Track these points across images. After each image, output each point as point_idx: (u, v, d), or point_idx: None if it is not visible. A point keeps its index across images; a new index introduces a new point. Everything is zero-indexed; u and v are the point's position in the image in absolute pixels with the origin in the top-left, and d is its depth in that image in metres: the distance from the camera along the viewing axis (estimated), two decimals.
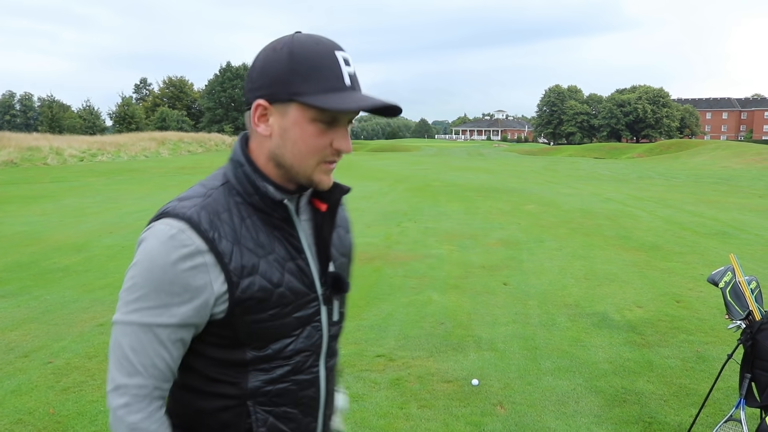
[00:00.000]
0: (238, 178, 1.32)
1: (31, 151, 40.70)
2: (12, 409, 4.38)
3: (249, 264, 1.27)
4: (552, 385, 4.83)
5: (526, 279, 8.24)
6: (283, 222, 1.34)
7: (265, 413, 1.35)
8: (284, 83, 1.25)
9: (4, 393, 4.64)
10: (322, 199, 1.41)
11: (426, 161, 44.91)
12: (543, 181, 26.82)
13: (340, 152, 1.31)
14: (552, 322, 6.43)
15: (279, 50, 1.27)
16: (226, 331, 1.29)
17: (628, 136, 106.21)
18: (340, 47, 1.29)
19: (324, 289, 1.40)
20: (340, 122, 1.29)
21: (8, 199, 17.88)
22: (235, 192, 1.32)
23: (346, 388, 4.73)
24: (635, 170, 36.19)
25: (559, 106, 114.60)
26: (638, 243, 10.97)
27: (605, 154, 62.71)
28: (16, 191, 20.28)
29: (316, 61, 1.24)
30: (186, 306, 1.23)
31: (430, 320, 6.45)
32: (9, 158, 37.45)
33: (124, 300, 1.25)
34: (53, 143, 44.09)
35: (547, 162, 46.90)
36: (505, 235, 11.75)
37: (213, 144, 57.17)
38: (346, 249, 1.53)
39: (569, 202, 17.53)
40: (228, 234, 1.26)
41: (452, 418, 4.27)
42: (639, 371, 5.13)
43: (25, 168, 35.05)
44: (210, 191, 1.32)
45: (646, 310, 6.86)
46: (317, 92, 1.24)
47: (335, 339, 1.48)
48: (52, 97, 79.66)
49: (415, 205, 16.86)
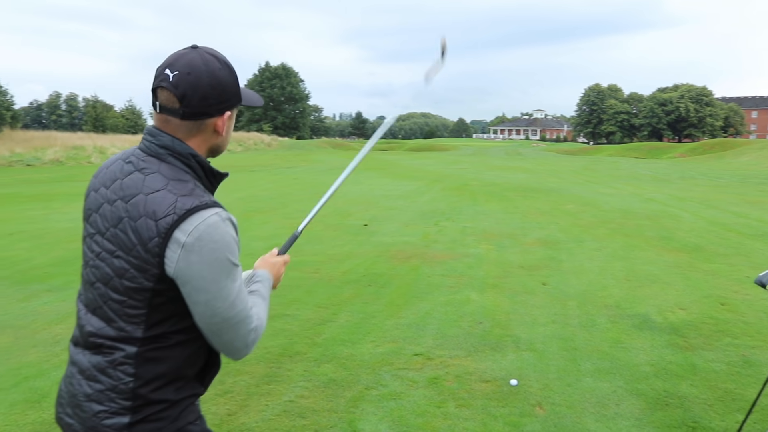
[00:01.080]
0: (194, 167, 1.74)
1: (76, 149, 41.64)
2: None
3: None
4: (592, 387, 4.76)
5: (565, 279, 8.14)
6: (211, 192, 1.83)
7: None
8: (237, 94, 1.77)
9: (51, 384, 4.75)
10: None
11: (464, 161, 44.71)
12: (582, 180, 26.48)
13: None
14: (592, 323, 6.34)
15: (223, 67, 1.72)
16: None
17: (670, 135, 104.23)
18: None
19: None
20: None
21: (54, 197, 18.32)
22: (196, 178, 1.73)
23: (384, 386, 4.74)
24: (677, 170, 35.48)
25: (599, 105, 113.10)
26: (680, 244, 10.76)
27: (646, 154, 61.61)
28: (62, 189, 20.76)
29: (236, 84, 1.77)
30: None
31: (468, 319, 6.42)
32: (55, 157, 38.36)
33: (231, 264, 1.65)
34: (97, 142, 45.08)
35: (586, 162, 46.30)
36: (544, 235, 11.63)
37: (252, 143, 57.69)
38: None
39: (609, 202, 17.27)
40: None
41: (490, 418, 4.24)
42: (682, 374, 5.03)
43: (70, 166, 35.85)
44: (192, 188, 1.68)
45: (689, 312, 6.73)
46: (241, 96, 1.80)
47: None
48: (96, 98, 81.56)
49: (453, 204, 16.79)
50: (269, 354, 5.39)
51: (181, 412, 1.74)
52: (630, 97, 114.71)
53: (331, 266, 8.88)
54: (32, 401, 4.46)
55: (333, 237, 11.30)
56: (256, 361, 5.18)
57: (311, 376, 4.93)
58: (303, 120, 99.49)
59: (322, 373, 5.00)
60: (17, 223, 13.00)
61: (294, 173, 29.25)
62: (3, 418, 4.20)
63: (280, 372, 5.01)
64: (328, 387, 4.73)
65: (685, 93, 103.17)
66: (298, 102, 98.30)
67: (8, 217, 14.11)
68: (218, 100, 1.71)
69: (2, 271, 8.56)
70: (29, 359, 5.30)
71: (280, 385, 4.74)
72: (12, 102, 49.21)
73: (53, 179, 25.44)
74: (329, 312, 6.65)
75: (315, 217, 2.25)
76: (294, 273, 8.37)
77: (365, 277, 8.27)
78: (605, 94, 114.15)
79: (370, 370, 5.07)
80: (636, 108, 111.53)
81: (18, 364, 5.20)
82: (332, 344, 5.66)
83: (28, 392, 4.62)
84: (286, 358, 5.30)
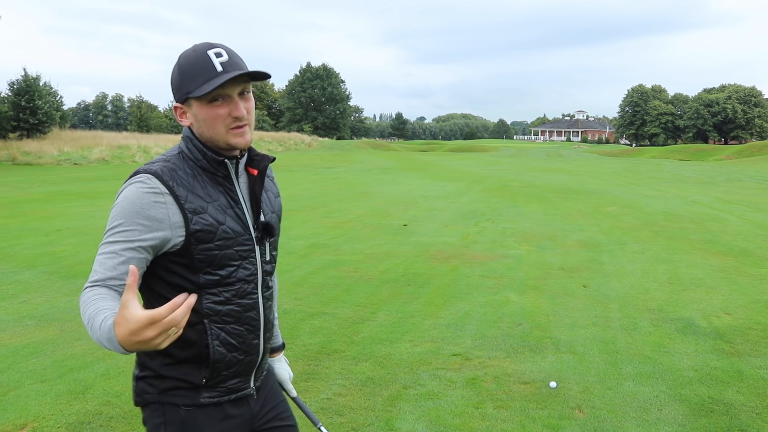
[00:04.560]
0: (190, 149, 1.80)
1: (121, 149, 42.58)
2: (101, 391, 4.57)
3: (199, 206, 1.74)
4: (633, 391, 4.67)
5: (606, 282, 8.02)
6: (224, 179, 1.82)
7: (218, 329, 1.80)
8: (180, 89, 1.77)
9: (95, 376, 4.86)
10: (253, 166, 1.89)
11: (504, 162, 44.40)
12: (624, 182, 26.06)
13: (236, 117, 1.75)
14: (634, 326, 6.23)
15: (174, 66, 1.78)
16: (183, 259, 1.73)
17: (716, 137, 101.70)
18: (213, 45, 1.75)
19: (256, 233, 1.87)
20: (230, 96, 1.74)
21: (100, 194, 18.75)
22: (188, 158, 1.80)
23: (422, 385, 4.73)
24: (723, 172, 34.66)
25: (642, 107, 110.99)
26: (726, 248, 10.51)
27: (691, 156, 60.29)
28: (107, 187, 21.22)
29: (192, 65, 1.73)
30: (150, 233, 1.67)
31: (507, 321, 6.37)
32: (101, 156, 39.28)
33: (106, 230, 1.71)
34: (141, 142, 46.07)
35: (628, 163, 45.54)
36: (585, 237, 11.47)
37: (293, 143, 58.20)
38: (276, 208, 2.01)
39: (652, 205, 16.96)
40: (183, 184, 1.73)
41: (529, 420, 4.19)
42: (728, 381, 4.90)
43: (115, 165, 36.65)
44: (169, 157, 1.80)
45: (736, 317, 6.56)
46: (198, 85, 1.71)
47: (269, 274, 1.95)
48: (140, 98, 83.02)
49: (493, 205, 16.68)
50: (308, 352, 5.42)
51: (168, 390, 1.82)
52: (674, 98, 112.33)
53: (370, 265, 8.90)
54: (76, 392, 4.57)
55: (372, 237, 11.32)
56: (294, 358, 5.21)
57: (349, 374, 4.94)
58: (343, 120, 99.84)
59: (359, 371, 5.01)
60: (64, 220, 13.34)
61: (334, 173, 29.41)
62: (49, 408, 4.30)
63: (318, 370, 5.03)
64: (366, 385, 4.73)
65: (733, 94, 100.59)
66: (339, 102, 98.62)
67: (56, 213, 14.49)
68: (173, 94, 1.83)
69: (50, 266, 8.78)
70: (74, 352, 5.43)
71: (317, 383, 4.77)
72: (61, 103, 50.40)
73: (99, 177, 26.04)
74: (368, 311, 6.66)
75: (355, 217, 2.31)
76: (333, 272, 8.42)
77: (404, 276, 8.26)
78: (649, 95, 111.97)
79: (408, 369, 5.06)
80: (681, 109, 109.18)
81: (63, 356, 5.33)
82: (370, 343, 5.67)
83: (72, 383, 4.73)
84: (324, 356, 5.33)
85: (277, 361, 2.28)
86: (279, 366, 2.28)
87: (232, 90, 1.74)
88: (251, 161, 1.90)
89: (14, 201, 17.26)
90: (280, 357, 2.30)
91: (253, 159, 1.90)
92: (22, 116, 43.80)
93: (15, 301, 7.01)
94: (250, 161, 1.90)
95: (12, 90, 45.29)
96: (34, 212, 14.77)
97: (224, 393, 1.87)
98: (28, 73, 45.65)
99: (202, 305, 1.76)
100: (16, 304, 6.92)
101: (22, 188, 21.56)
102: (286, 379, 2.29)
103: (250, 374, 1.94)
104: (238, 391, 1.91)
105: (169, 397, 1.82)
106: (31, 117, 44.01)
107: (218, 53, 1.73)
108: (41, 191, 20.33)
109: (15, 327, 6.12)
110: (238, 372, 1.88)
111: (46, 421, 4.13)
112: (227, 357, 1.82)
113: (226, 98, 1.74)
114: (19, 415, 4.20)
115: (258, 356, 1.94)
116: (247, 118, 1.78)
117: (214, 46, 1.75)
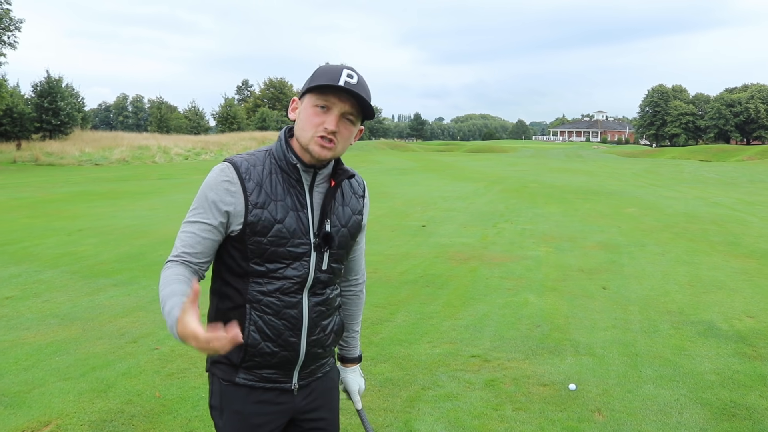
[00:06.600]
0: (276, 148, 1.94)
1: (141, 149, 42.95)
2: (123, 390, 4.63)
3: (262, 201, 1.86)
4: (653, 394, 4.65)
5: (626, 283, 7.97)
6: (296, 183, 1.92)
7: (257, 316, 1.91)
8: (305, 86, 1.90)
9: (116, 375, 4.91)
10: (334, 177, 2.00)
11: (523, 162, 44.22)
12: (644, 183, 25.85)
13: (327, 130, 1.84)
14: (654, 328, 6.18)
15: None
16: (239, 245, 1.89)
17: (738, 137, 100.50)
18: (349, 68, 1.86)
19: (316, 240, 1.94)
20: (332, 110, 1.85)
21: (120, 195, 18.93)
22: (272, 156, 1.94)
23: (440, 387, 4.73)
24: (745, 173, 34.25)
25: (662, 107, 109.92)
26: (748, 250, 10.39)
27: (712, 157, 59.60)
28: (127, 187, 21.43)
29: (325, 71, 1.85)
30: (221, 217, 1.86)
31: (526, 322, 6.35)
32: (122, 156, 39.65)
33: (190, 209, 1.90)
34: (161, 142, 46.44)
35: (648, 164, 45.16)
36: (605, 238, 11.40)
37: None
38: (348, 223, 2.05)
39: (672, 206, 16.82)
40: (255, 178, 1.88)
41: (548, 422, 4.18)
42: (750, 385, 4.85)
43: (136, 165, 36.95)
44: (257, 153, 1.96)
45: (758, 320, 6.49)
46: (317, 84, 1.83)
47: (322, 282, 1.99)
48: (160, 99, 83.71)
49: (512, 206, 16.63)
50: None
51: (215, 363, 2.02)
52: (695, 98, 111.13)
53: (389, 266, 8.91)
54: (99, 391, 4.62)
55: (391, 237, 11.33)
56: None
57: (368, 375, 4.95)
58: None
59: (378, 372, 5.02)
60: (86, 220, 13.49)
61: None
62: (72, 406, 4.36)
63: None
64: (385, 386, 4.75)
65: (755, 93, 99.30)
66: None
67: (78, 213, 14.66)
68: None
69: (72, 265, 8.89)
70: (96, 350, 5.49)
71: None
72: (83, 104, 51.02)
73: (119, 178, 26.28)
74: (386, 312, 6.67)
75: (374, 218, 2.36)
76: None
77: (423, 277, 8.27)
78: (669, 95, 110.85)
79: (427, 370, 5.07)
80: (702, 109, 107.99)
81: (85, 354, 5.39)
82: (389, 344, 5.68)
83: (94, 382, 4.79)
84: None
85: (350, 372, 2.35)
86: (351, 377, 2.34)
87: (337, 106, 1.84)
88: (335, 173, 2.01)
89: (37, 201, 17.49)
90: (355, 368, 2.36)
91: (337, 171, 2.01)
92: (44, 117, 44.42)
93: (38, 300, 7.10)
94: (335, 173, 2.01)
95: (35, 92, 45.94)
96: (57, 212, 14.95)
97: (259, 380, 1.97)
98: (50, 75, 46.26)
99: (246, 291, 1.91)
100: (39, 302, 7.01)
101: (45, 188, 21.83)
102: (354, 391, 2.34)
103: (290, 370, 2.00)
104: (275, 382, 1.99)
105: (215, 368, 2.01)
106: (53, 118, 44.60)
107: (350, 74, 1.84)
108: (63, 191, 20.57)
109: (38, 326, 6.20)
110: (273, 364, 1.95)
111: (69, 418, 4.18)
112: (260, 344, 1.92)
113: (329, 110, 1.85)
114: (44, 413, 4.26)
115: (297, 355, 1.98)
116: (337, 137, 1.87)
117: (349, 68, 1.86)
